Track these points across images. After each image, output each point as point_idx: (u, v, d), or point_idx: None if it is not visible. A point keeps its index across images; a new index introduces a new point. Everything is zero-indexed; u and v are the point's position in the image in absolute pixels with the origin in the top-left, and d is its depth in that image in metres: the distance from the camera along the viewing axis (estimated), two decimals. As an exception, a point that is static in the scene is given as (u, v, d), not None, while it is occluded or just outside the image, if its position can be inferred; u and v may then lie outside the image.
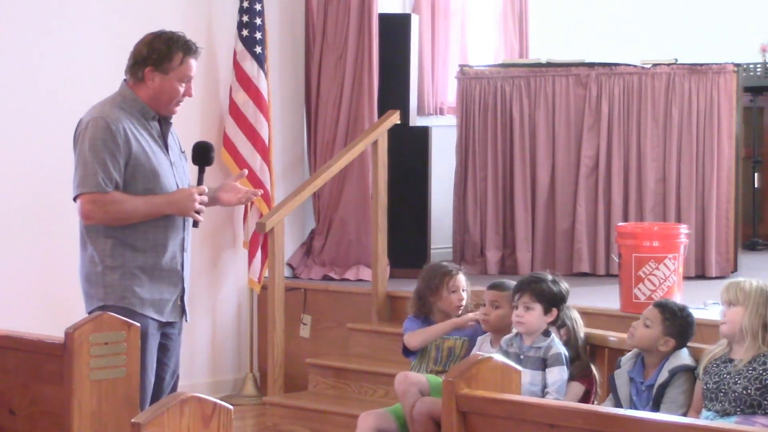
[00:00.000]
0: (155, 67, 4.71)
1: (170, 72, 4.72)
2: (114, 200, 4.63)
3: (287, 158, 8.13)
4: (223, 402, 3.21)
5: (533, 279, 5.41)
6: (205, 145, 4.98)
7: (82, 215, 4.68)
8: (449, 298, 5.79)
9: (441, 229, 8.34)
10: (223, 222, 7.77)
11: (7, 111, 6.78)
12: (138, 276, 4.69)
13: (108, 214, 4.65)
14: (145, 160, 4.68)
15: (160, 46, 4.73)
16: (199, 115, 7.62)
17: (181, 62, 4.73)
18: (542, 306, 5.29)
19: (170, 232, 4.76)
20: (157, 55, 4.72)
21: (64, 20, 6.99)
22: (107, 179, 4.61)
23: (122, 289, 4.67)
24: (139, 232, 4.69)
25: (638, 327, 5.05)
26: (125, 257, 4.68)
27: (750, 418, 4.68)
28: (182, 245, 4.81)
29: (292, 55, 8.13)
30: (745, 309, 4.79)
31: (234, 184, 5.09)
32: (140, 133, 4.70)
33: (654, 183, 7.90)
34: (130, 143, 4.65)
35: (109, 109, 4.71)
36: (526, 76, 8.13)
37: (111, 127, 4.63)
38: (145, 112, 4.74)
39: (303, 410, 6.76)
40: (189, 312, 4.88)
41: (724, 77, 7.83)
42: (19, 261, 6.80)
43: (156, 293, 4.72)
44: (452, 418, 3.53)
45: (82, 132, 4.68)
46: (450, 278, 5.79)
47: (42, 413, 4.06)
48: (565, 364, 5.23)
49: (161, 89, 4.72)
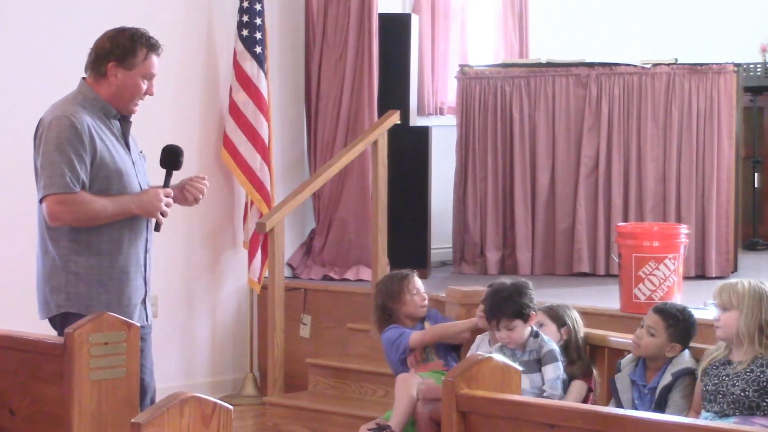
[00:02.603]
0: (118, 62, 4.62)
1: (134, 68, 4.63)
2: (83, 200, 4.52)
3: (287, 158, 8.13)
4: (223, 402, 3.21)
5: (501, 301, 5.35)
6: (175, 149, 4.82)
7: (49, 217, 4.54)
8: (413, 300, 5.91)
9: (441, 229, 8.34)
10: (223, 222, 7.77)
11: (8, 111, 6.78)
12: (104, 282, 4.58)
13: (76, 215, 4.53)
14: (110, 160, 4.59)
15: (124, 41, 4.64)
16: (199, 115, 7.62)
17: (145, 58, 4.64)
18: (521, 320, 5.31)
19: (134, 234, 4.66)
20: (120, 50, 4.62)
21: (64, 20, 6.99)
22: (75, 179, 4.50)
23: (88, 297, 4.56)
24: (103, 235, 4.59)
25: (643, 336, 5.02)
26: (90, 262, 4.57)
27: (749, 419, 4.67)
28: (146, 247, 4.71)
29: (292, 55, 8.13)
30: (740, 313, 4.77)
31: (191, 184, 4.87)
32: (103, 132, 4.61)
33: (654, 183, 7.90)
34: (95, 142, 4.55)
35: (71, 107, 4.60)
36: (526, 76, 8.13)
37: (76, 126, 4.52)
38: (106, 111, 4.64)
39: (303, 410, 6.76)
40: (151, 314, 4.74)
41: (724, 77, 7.83)
42: (19, 261, 6.79)
43: (124, 298, 4.61)
44: (452, 418, 3.53)
45: (45, 132, 4.55)
46: (408, 281, 5.93)
47: (42, 413, 4.06)
48: (558, 359, 5.24)
49: (124, 85, 4.63)
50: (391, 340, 5.88)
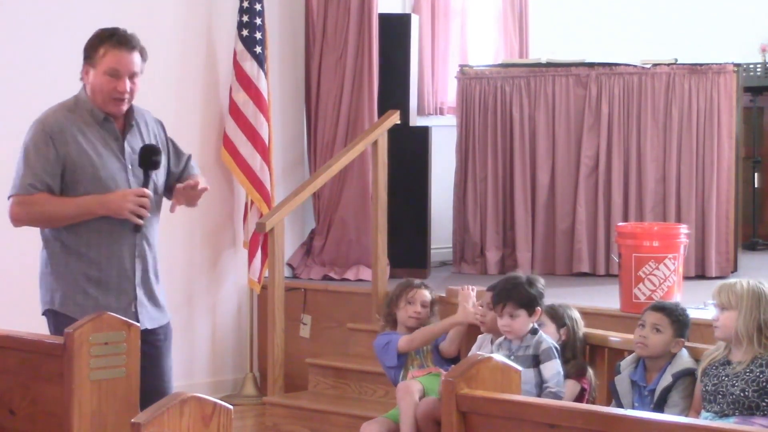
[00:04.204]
0: (86, 61, 4.64)
1: (97, 65, 4.61)
2: (38, 202, 4.55)
3: (287, 158, 8.13)
4: (223, 402, 3.20)
5: (511, 286, 5.38)
6: (148, 148, 4.72)
7: (10, 217, 4.62)
8: (405, 309, 5.95)
9: (441, 229, 8.35)
10: (223, 222, 7.77)
11: (8, 111, 6.78)
12: (81, 284, 4.60)
13: (32, 215, 4.60)
14: (88, 164, 4.58)
15: (92, 39, 4.65)
16: (199, 115, 7.62)
17: (105, 54, 4.59)
18: (526, 310, 5.31)
19: (116, 239, 4.63)
20: (86, 49, 4.64)
21: (63, 20, 6.99)
22: (36, 182, 4.54)
23: (64, 297, 4.61)
24: (82, 238, 4.60)
25: (649, 335, 5.02)
26: (70, 264, 4.61)
27: (748, 419, 4.67)
28: (134, 251, 4.67)
29: (292, 55, 8.13)
30: (738, 313, 4.76)
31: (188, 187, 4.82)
32: (86, 136, 4.61)
33: (654, 183, 7.90)
34: (68, 146, 4.56)
35: (53, 112, 4.64)
36: (526, 76, 8.13)
37: (45, 130, 4.57)
38: (94, 114, 4.64)
39: (303, 410, 6.76)
40: (144, 320, 4.66)
41: (724, 77, 7.83)
42: (19, 261, 6.80)
43: (102, 301, 4.59)
44: (452, 418, 3.53)
45: (26, 135, 4.64)
46: (410, 290, 5.97)
47: (42, 413, 4.05)
48: (556, 357, 5.24)
49: (94, 84, 4.62)
50: (380, 347, 5.95)
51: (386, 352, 5.90)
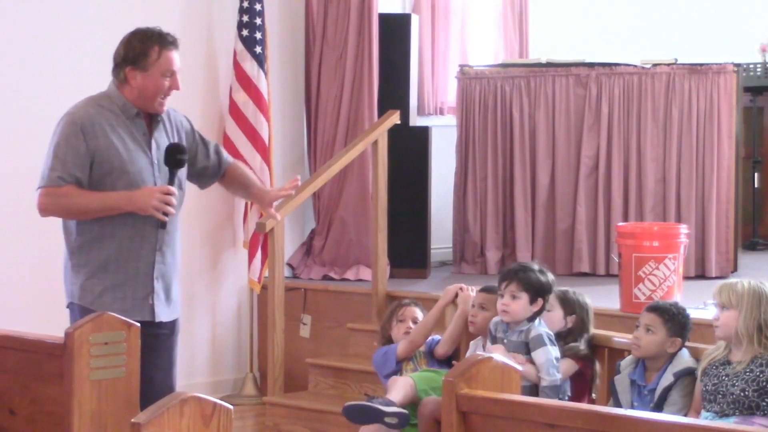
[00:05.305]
0: (134, 65, 4.68)
1: (149, 68, 4.67)
2: (66, 194, 4.61)
3: (287, 158, 8.13)
4: (223, 402, 3.20)
5: (521, 268, 5.35)
6: (174, 147, 4.81)
7: (38, 208, 4.69)
8: (398, 327, 5.93)
9: (441, 229, 8.35)
10: (223, 222, 7.77)
11: (7, 111, 6.78)
12: (98, 276, 4.67)
13: (60, 207, 4.66)
14: (116, 159, 4.65)
15: (136, 44, 4.70)
16: (199, 115, 7.61)
17: (159, 56, 4.68)
18: (529, 295, 5.25)
19: (138, 232, 4.69)
20: (133, 54, 4.68)
21: (62, 20, 6.99)
22: (65, 174, 4.60)
23: (82, 288, 4.68)
24: (105, 231, 4.66)
25: (642, 336, 5.02)
26: (90, 256, 4.68)
27: (748, 419, 4.67)
28: (155, 246, 4.73)
29: (292, 55, 8.13)
30: (739, 312, 4.77)
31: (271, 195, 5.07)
32: (117, 131, 4.67)
33: (654, 183, 7.90)
34: (98, 140, 4.63)
35: (84, 105, 4.70)
36: (526, 76, 8.13)
37: (77, 123, 4.63)
38: (126, 110, 4.70)
39: (303, 410, 6.76)
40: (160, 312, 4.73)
41: (724, 77, 7.83)
42: (19, 260, 6.80)
43: (119, 293, 4.67)
44: (452, 418, 3.53)
45: (56, 127, 4.70)
46: (400, 308, 5.96)
47: (42, 413, 4.06)
48: (548, 343, 5.20)
49: (144, 87, 4.68)
50: (380, 356, 5.93)
51: (386, 359, 5.88)
